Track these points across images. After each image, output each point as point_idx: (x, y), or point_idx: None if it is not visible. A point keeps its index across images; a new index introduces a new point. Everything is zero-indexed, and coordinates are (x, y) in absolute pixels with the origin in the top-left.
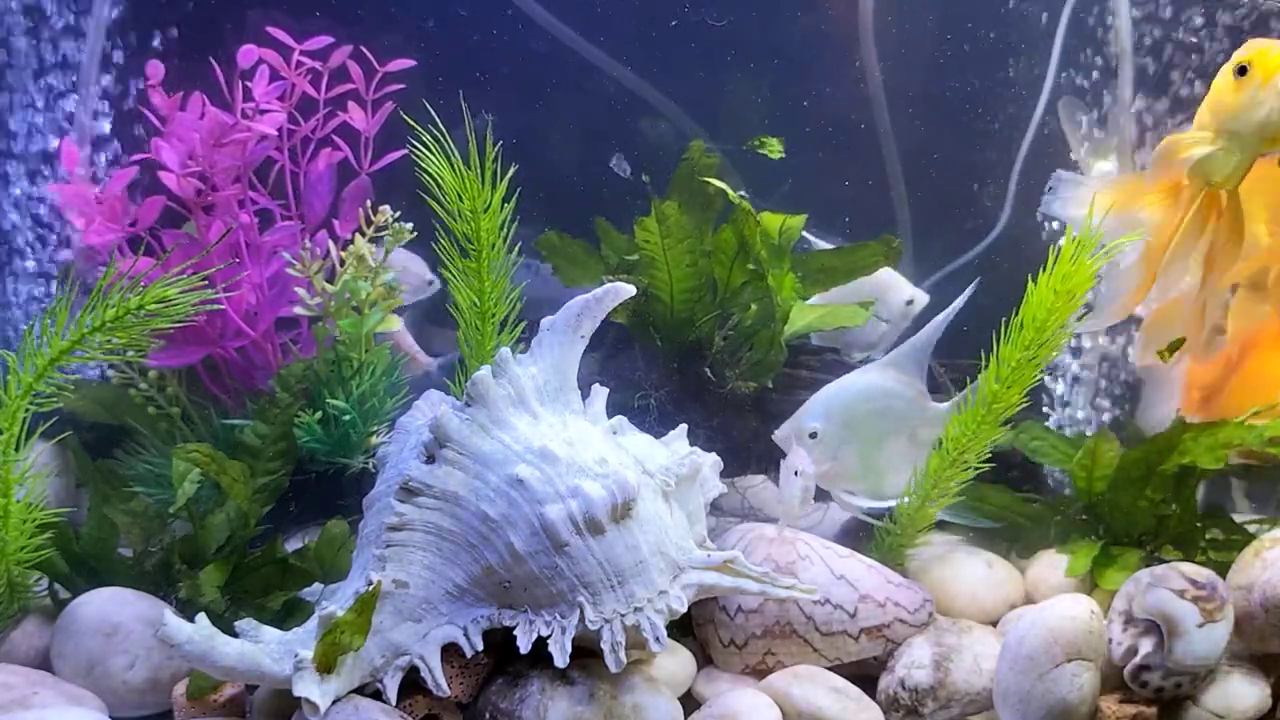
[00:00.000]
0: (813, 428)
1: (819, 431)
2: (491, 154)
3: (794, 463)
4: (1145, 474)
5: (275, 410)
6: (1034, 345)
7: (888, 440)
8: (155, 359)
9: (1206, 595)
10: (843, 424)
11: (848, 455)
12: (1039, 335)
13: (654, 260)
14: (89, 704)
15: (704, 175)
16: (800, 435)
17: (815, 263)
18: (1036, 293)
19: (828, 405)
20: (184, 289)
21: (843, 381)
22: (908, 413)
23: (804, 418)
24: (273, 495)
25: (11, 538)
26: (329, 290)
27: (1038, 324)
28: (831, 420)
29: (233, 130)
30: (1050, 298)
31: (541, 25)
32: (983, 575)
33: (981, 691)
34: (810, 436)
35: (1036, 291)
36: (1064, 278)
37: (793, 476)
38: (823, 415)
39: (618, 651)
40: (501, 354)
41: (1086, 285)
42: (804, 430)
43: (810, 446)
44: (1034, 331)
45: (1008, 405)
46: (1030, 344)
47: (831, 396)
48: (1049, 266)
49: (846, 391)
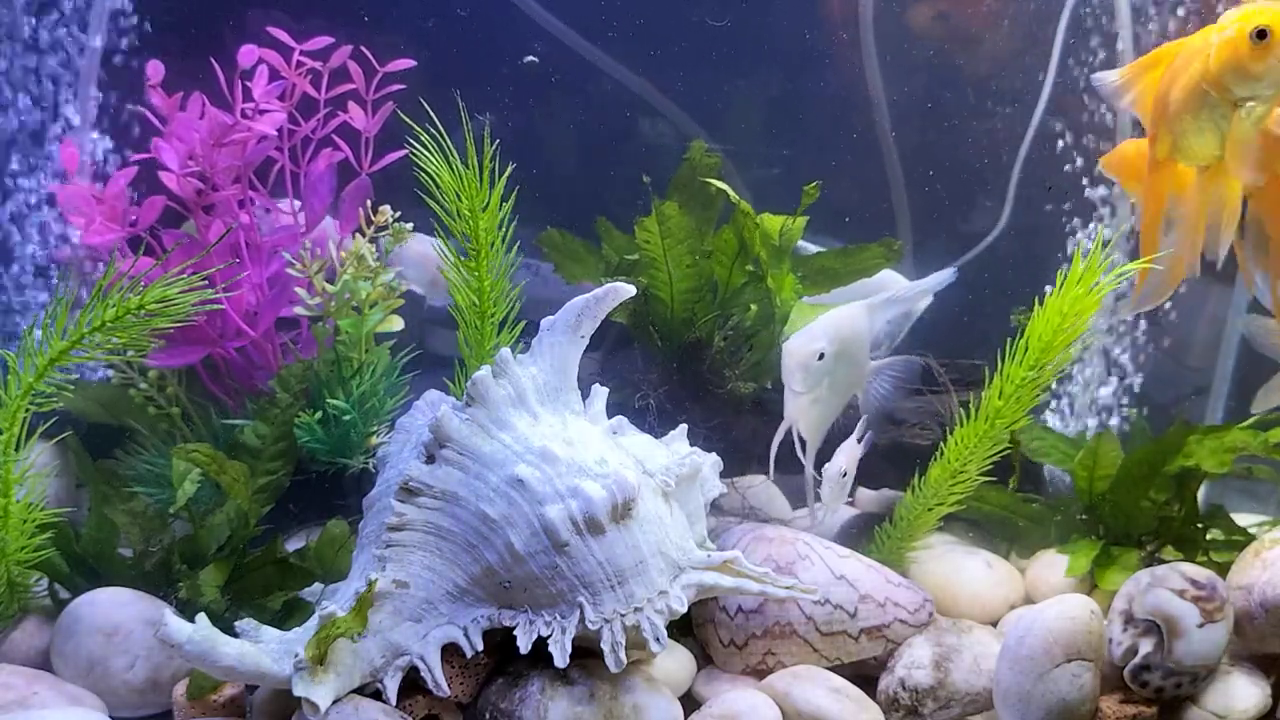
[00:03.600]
0: (822, 348)
1: (825, 354)
2: (490, 153)
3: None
4: (1148, 475)
5: (275, 410)
6: (1038, 365)
7: (840, 380)
8: (155, 359)
9: (1206, 595)
10: (838, 354)
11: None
12: (1043, 356)
13: (654, 260)
14: (89, 704)
15: (705, 176)
16: (811, 354)
17: (816, 264)
18: (1043, 313)
19: (835, 330)
20: (184, 289)
21: (848, 308)
22: (859, 360)
23: (817, 336)
24: (273, 495)
25: (11, 538)
26: (329, 290)
27: (1043, 344)
28: (835, 346)
29: (233, 130)
30: (1057, 320)
31: (542, 25)
32: (983, 575)
33: (981, 691)
34: (819, 358)
35: (1043, 312)
36: (1073, 300)
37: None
38: (832, 338)
39: (618, 651)
40: (501, 354)
41: (1093, 309)
42: (815, 349)
43: (815, 368)
44: (1038, 352)
45: (1010, 421)
46: (1035, 364)
47: (839, 322)
48: (1058, 288)
49: (850, 320)
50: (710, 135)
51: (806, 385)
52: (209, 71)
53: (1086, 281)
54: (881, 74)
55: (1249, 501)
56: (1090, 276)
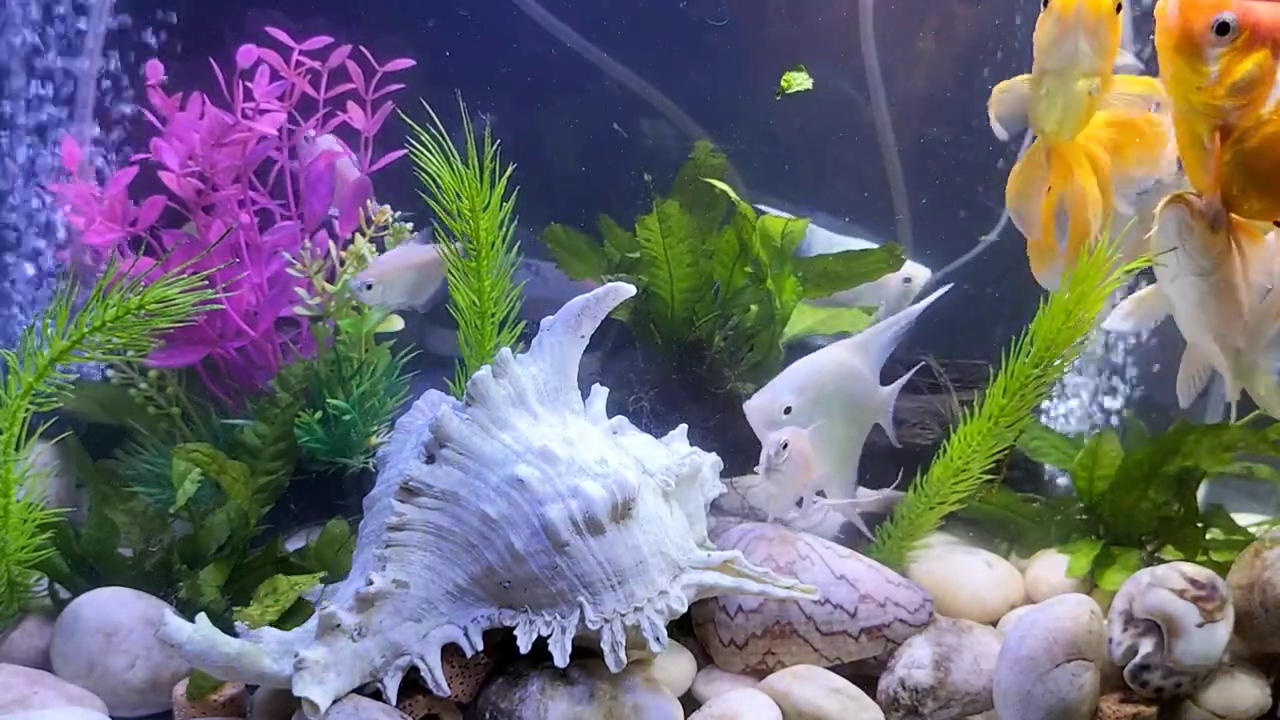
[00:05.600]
0: (787, 402)
1: (793, 408)
2: (490, 153)
3: (784, 436)
4: (1148, 475)
5: (275, 410)
6: (1043, 363)
7: (842, 423)
8: (155, 359)
9: (1206, 595)
10: (814, 401)
11: (816, 436)
12: (1048, 354)
13: (655, 259)
14: (89, 704)
15: (708, 176)
16: (775, 410)
17: (818, 266)
18: (1049, 311)
19: (802, 381)
20: (184, 289)
21: (816, 357)
22: (862, 395)
23: (780, 391)
24: (273, 495)
25: (11, 538)
26: (329, 290)
27: (1047, 341)
28: (804, 396)
29: (233, 130)
30: (1062, 317)
31: (542, 25)
32: (983, 575)
33: (981, 691)
34: (785, 412)
35: (1049, 310)
36: (1079, 298)
37: (781, 449)
38: (797, 390)
39: (618, 651)
40: (501, 354)
41: (1098, 306)
42: (779, 405)
43: (784, 423)
44: (1043, 349)
45: (1013, 419)
46: (1039, 361)
47: (806, 372)
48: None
49: (820, 368)
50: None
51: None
52: (209, 71)
53: (1092, 279)
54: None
55: (1249, 501)
56: (1095, 274)
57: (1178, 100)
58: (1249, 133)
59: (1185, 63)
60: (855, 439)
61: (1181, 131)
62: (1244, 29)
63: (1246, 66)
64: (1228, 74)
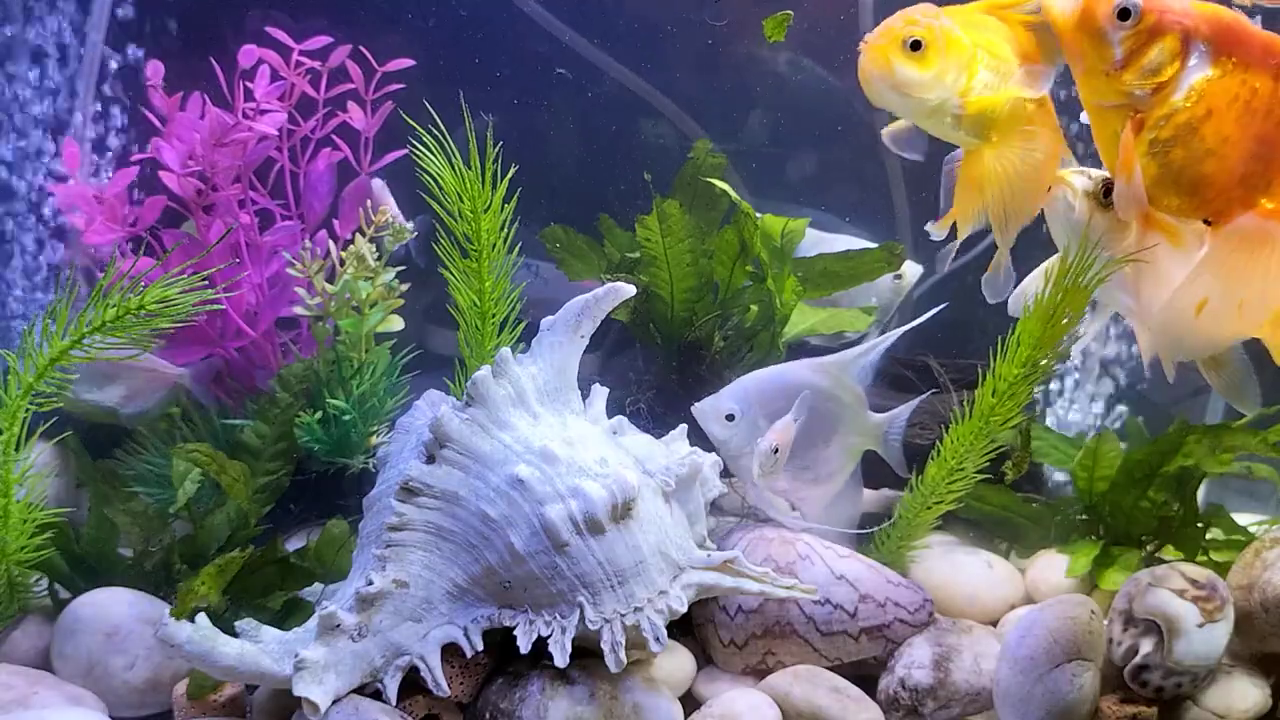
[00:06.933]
0: (730, 409)
1: (736, 415)
2: (492, 154)
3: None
4: (1148, 475)
5: (275, 410)
6: (1030, 362)
7: (822, 445)
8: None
9: (1206, 595)
10: (762, 413)
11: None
12: (1035, 353)
13: (655, 259)
14: (89, 704)
15: (708, 176)
16: (717, 414)
17: (817, 266)
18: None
19: (747, 391)
20: (184, 289)
21: (771, 370)
22: (843, 418)
23: (724, 398)
24: (273, 495)
25: (11, 538)
26: (329, 290)
27: (1033, 340)
28: (749, 406)
29: (233, 130)
30: (1046, 317)
31: (542, 25)
32: (983, 575)
33: (981, 691)
34: (727, 418)
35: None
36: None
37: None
38: (741, 398)
39: (618, 651)
40: (501, 354)
41: (1082, 306)
42: (720, 410)
43: (726, 428)
44: (1029, 349)
45: (1004, 419)
46: (1027, 360)
47: (755, 383)
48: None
49: (770, 382)
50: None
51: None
52: (209, 71)
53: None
54: None
55: (1249, 501)
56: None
57: (1089, 93)
58: (1161, 122)
59: (1089, 45)
60: (833, 460)
61: (1097, 126)
62: (1148, 13)
63: (1152, 52)
64: (1134, 59)
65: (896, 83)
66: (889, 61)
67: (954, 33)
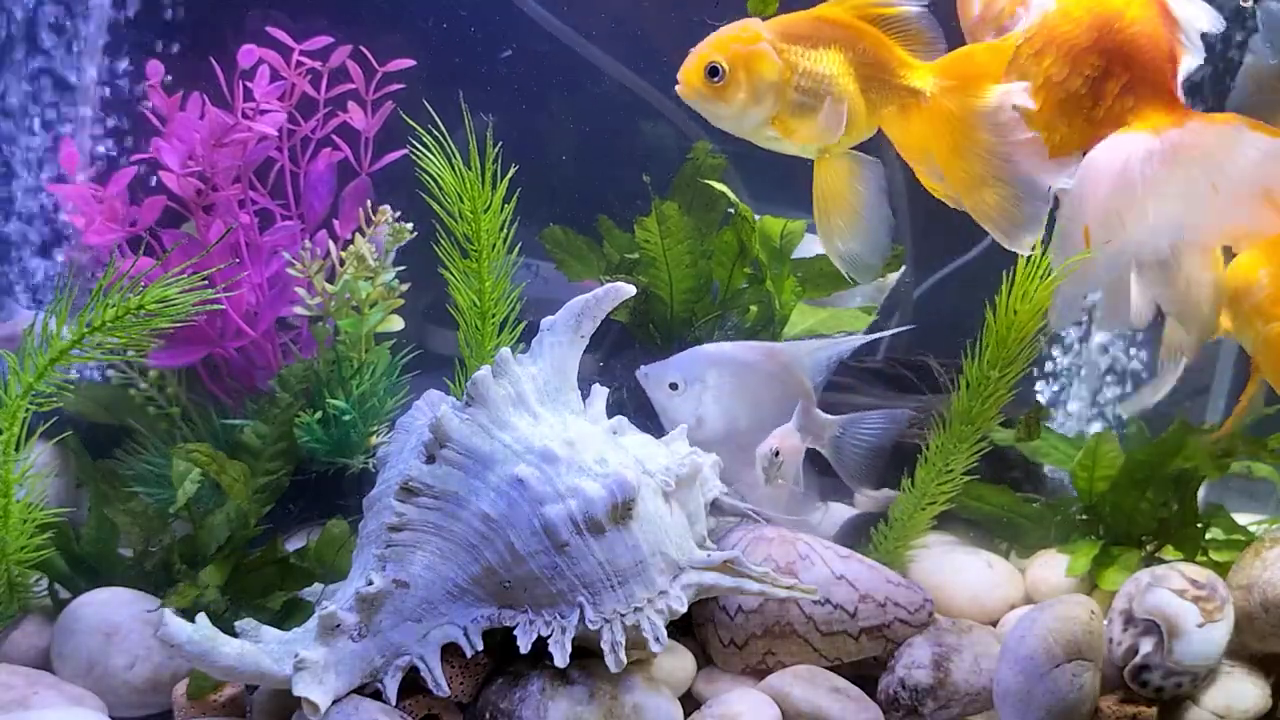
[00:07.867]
0: (675, 378)
1: (680, 385)
2: (492, 154)
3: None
4: (1148, 476)
5: (275, 410)
6: (1002, 363)
7: (759, 430)
8: (155, 359)
9: (1206, 595)
10: (705, 387)
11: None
12: (1006, 352)
13: (654, 260)
14: (89, 704)
15: (707, 177)
16: (661, 382)
17: (817, 266)
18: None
19: (696, 362)
20: (184, 289)
21: (718, 346)
22: (783, 409)
23: (670, 366)
24: (273, 495)
25: (11, 538)
26: (329, 290)
27: (1001, 339)
28: (694, 378)
29: (233, 130)
30: (1010, 318)
31: (542, 25)
32: (983, 575)
33: (981, 691)
34: (671, 386)
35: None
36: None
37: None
38: (688, 369)
39: (618, 651)
40: (502, 354)
41: (1040, 306)
42: (665, 378)
43: (669, 396)
44: (997, 349)
45: (984, 420)
46: (998, 361)
47: (700, 357)
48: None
49: (717, 357)
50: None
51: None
52: (209, 71)
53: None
54: None
55: (1249, 501)
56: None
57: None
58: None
59: None
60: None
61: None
62: None
63: None
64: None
65: (704, 110)
66: (695, 90)
67: (761, 58)
